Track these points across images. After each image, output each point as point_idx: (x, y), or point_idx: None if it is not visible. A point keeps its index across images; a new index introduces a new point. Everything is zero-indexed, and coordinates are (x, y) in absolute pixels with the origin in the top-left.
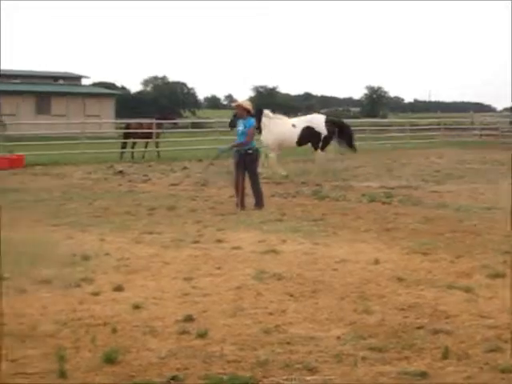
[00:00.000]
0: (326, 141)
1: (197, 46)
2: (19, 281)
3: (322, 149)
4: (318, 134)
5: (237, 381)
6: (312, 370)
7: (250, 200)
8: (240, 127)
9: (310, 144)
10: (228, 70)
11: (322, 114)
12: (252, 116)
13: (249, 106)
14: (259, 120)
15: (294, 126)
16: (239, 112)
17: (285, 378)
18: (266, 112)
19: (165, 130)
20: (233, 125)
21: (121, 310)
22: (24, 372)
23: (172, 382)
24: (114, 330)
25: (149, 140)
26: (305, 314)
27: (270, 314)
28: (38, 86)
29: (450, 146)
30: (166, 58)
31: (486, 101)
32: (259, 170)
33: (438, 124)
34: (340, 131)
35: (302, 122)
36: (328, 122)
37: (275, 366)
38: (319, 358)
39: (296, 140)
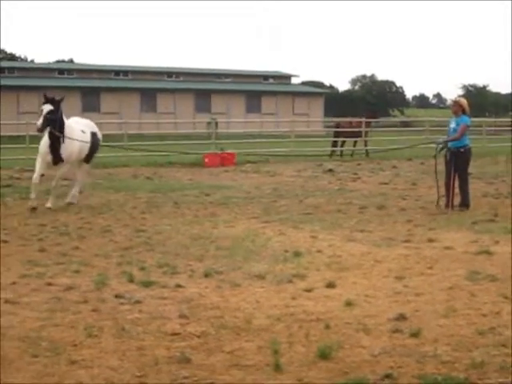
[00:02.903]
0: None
1: (406, 44)
2: (234, 275)
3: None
4: (98, 140)
5: (451, 381)
6: None
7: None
8: (452, 125)
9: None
10: (437, 68)
11: None
12: (466, 114)
13: (465, 104)
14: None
15: (83, 131)
16: (455, 109)
17: (501, 380)
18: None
19: (373, 129)
20: (44, 127)
21: (333, 307)
22: (239, 364)
23: (386, 379)
24: (327, 326)
25: (358, 139)
26: None
27: (484, 315)
28: (248, 85)
29: None
30: (375, 57)
31: None
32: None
33: None
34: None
35: (86, 126)
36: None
37: (490, 369)
38: None
39: (88, 151)
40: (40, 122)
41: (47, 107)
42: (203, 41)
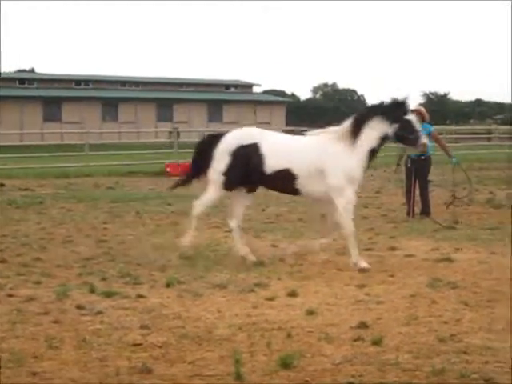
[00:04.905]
0: None
1: (367, 52)
2: (195, 285)
3: None
4: None
5: None
6: (489, 381)
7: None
8: None
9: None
10: (398, 76)
11: (496, 120)
12: (426, 122)
13: (425, 112)
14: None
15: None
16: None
17: None
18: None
19: None
20: None
21: (295, 316)
22: (201, 374)
23: None
24: (289, 335)
25: None
26: (480, 324)
27: (445, 322)
28: (209, 94)
29: None
30: (337, 65)
31: None
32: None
33: None
34: None
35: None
36: None
37: (451, 376)
38: (496, 368)
39: None
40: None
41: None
42: (164, 49)
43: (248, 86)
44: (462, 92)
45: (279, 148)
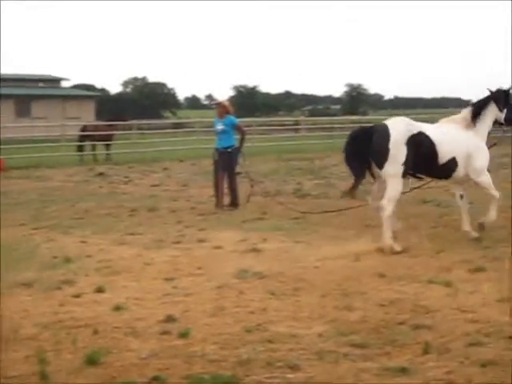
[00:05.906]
0: None
1: (177, 47)
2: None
3: None
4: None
5: (218, 380)
6: (294, 368)
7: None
8: (219, 126)
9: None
10: (208, 70)
11: (304, 111)
12: (230, 114)
13: (228, 105)
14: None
15: None
16: (220, 111)
17: (266, 376)
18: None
19: (116, 132)
20: None
21: (102, 312)
22: (5, 375)
23: (154, 382)
24: (95, 332)
25: (109, 142)
26: (286, 312)
27: (252, 312)
28: (17, 89)
29: None
30: (146, 59)
31: (464, 96)
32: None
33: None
34: None
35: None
36: None
37: (257, 365)
38: (301, 355)
39: None
40: None
41: None
42: None
43: (56, 81)
44: (271, 84)
45: (443, 137)
